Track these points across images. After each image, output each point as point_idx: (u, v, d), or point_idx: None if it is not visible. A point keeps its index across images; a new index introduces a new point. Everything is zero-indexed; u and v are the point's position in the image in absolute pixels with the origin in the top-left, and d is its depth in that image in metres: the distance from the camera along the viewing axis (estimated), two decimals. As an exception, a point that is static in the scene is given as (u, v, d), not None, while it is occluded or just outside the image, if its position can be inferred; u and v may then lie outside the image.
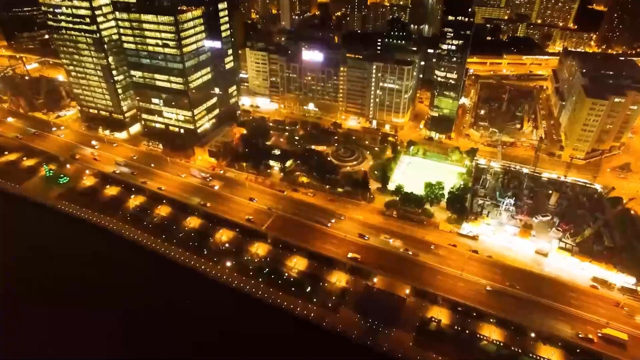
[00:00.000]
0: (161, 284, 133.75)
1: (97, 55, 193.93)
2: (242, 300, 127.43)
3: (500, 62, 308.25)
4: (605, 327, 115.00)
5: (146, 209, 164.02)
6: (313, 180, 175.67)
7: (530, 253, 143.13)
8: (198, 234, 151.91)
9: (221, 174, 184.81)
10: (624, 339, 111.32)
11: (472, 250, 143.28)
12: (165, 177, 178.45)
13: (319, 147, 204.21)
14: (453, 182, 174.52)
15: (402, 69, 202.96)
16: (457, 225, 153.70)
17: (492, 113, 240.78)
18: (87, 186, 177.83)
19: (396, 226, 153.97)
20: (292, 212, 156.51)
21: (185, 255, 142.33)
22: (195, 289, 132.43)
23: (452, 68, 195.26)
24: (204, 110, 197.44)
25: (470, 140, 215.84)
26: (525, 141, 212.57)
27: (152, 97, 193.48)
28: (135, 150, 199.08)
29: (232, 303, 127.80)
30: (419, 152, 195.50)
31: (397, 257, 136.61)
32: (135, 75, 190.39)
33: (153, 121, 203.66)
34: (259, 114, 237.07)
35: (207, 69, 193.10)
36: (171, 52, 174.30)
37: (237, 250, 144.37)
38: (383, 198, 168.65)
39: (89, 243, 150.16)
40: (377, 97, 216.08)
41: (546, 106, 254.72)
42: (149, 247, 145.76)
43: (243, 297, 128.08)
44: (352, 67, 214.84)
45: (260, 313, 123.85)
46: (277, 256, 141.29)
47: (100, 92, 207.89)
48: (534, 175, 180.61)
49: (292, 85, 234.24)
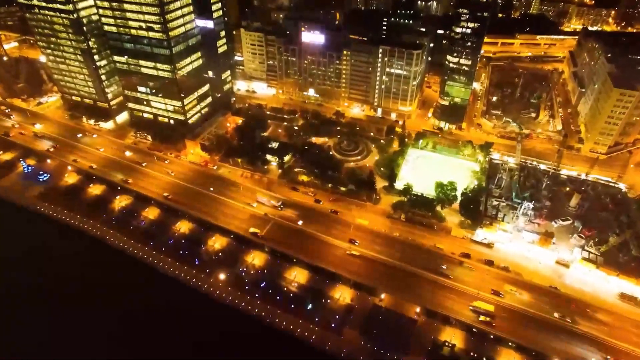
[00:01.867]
0: (147, 297, 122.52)
1: (75, 38, 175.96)
2: (236, 319, 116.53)
3: (512, 42, 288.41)
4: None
5: (133, 211, 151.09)
6: (314, 178, 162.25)
7: (550, 263, 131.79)
8: (189, 240, 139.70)
9: (214, 170, 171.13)
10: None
11: (487, 261, 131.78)
12: (155, 177, 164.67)
13: (320, 139, 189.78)
14: (465, 180, 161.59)
15: (411, 54, 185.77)
16: (470, 231, 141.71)
17: (505, 100, 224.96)
18: (69, 184, 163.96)
19: (404, 231, 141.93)
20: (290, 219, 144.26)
21: (175, 266, 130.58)
22: (185, 304, 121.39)
23: (466, 53, 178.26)
24: (194, 99, 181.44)
25: (482, 130, 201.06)
26: (541, 132, 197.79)
27: (138, 85, 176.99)
28: (117, 146, 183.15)
29: (225, 321, 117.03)
30: (428, 145, 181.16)
31: (406, 273, 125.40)
32: (118, 61, 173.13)
33: (140, 111, 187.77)
34: (256, 100, 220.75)
35: (198, 54, 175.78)
36: (156, 37, 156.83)
37: (231, 259, 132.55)
38: (390, 198, 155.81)
39: (71, 250, 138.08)
40: (383, 83, 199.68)
41: (562, 92, 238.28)
42: (136, 256, 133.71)
43: (237, 315, 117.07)
44: (355, 51, 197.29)
45: (256, 334, 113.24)
46: (275, 267, 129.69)
47: (82, 78, 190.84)
48: (553, 172, 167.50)
49: (291, 69, 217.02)
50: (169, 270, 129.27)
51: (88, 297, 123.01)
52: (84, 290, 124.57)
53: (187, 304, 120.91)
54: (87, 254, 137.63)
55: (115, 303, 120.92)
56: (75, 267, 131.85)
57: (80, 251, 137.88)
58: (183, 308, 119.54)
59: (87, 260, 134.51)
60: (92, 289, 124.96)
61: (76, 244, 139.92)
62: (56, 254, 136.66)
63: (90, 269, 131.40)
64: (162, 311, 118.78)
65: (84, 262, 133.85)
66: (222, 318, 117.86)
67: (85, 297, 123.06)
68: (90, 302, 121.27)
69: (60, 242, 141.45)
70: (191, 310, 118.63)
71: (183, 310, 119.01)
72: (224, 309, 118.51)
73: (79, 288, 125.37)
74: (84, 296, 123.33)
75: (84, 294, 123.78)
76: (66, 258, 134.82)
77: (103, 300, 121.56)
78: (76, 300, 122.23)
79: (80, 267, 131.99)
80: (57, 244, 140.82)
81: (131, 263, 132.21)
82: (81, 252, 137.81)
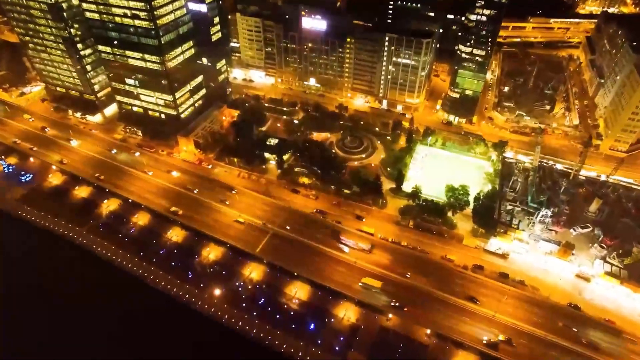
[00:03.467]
0: (136, 315, 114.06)
1: (55, 25, 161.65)
2: (232, 340, 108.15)
3: (524, 26, 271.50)
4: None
5: (122, 216, 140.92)
6: (315, 178, 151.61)
7: (570, 276, 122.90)
8: (182, 250, 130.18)
9: (209, 169, 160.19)
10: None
11: (501, 274, 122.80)
12: (145, 179, 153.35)
13: (321, 134, 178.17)
14: (477, 180, 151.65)
15: (420, 43, 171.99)
16: (483, 239, 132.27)
17: (517, 90, 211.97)
18: (53, 185, 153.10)
19: (413, 239, 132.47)
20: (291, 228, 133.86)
21: (166, 279, 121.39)
22: (178, 323, 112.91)
23: (480, 43, 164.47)
24: (187, 92, 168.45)
25: (494, 125, 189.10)
26: (557, 127, 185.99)
27: (126, 77, 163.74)
28: (104, 145, 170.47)
29: (220, 343, 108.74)
30: (437, 141, 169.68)
31: (417, 292, 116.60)
32: (103, 51, 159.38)
33: (129, 104, 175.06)
34: (253, 91, 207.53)
35: (190, 43, 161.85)
36: (143, 25, 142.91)
37: (227, 272, 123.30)
38: (397, 201, 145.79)
39: (55, 261, 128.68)
40: (389, 74, 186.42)
41: (578, 81, 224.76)
42: (125, 268, 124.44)
43: (233, 335, 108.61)
44: (360, 39, 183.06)
45: (254, 358, 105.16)
46: (274, 282, 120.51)
47: (65, 68, 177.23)
48: (568, 172, 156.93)
49: (290, 57, 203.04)
50: (160, 284, 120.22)
51: (73, 312, 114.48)
52: (68, 305, 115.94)
53: (180, 323, 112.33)
54: (72, 265, 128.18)
55: (103, 321, 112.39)
56: (59, 280, 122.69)
57: (65, 262, 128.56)
58: (175, 327, 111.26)
59: (72, 273, 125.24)
60: (76, 304, 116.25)
61: (61, 254, 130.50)
62: (39, 265, 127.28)
63: (76, 282, 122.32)
64: (152, 331, 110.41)
65: (68, 275, 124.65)
66: (217, 339, 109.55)
67: (70, 312, 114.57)
68: (75, 318, 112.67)
69: (43, 252, 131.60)
70: (184, 330, 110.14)
71: (174, 330, 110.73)
72: (219, 328, 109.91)
73: (62, 303, 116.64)
74: (69, 311, 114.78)
75: (68, 309, 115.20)
76: (49, 270, 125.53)
77: (88, 316, 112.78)
78: (61, 316, 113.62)
79: (64, 280, 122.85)
80: (40, 253, 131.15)
81: (120, 276, 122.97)
82: (66, 263, 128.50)
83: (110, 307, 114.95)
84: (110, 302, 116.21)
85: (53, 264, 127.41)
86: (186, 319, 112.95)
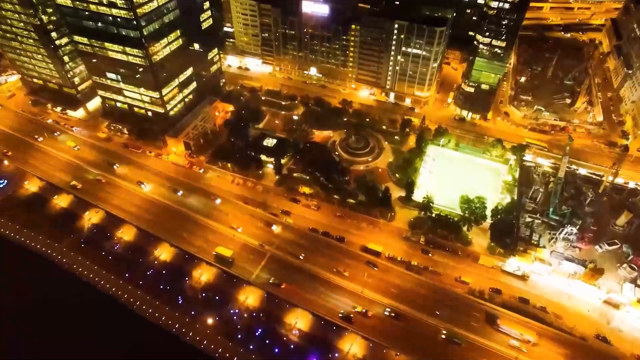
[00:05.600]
0: (122, 345, 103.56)
1: (24, 12, 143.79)
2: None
3: (541, 7, 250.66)
4: None
5: (105, 230, 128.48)
6: (317, 186, 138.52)
7: (597, 302, 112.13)
8: (171, 270, 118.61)
9: (200, 174, 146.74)
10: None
11: (521, 299, 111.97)
12: (128, 190, 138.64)
13: (323, 132, 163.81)
14: (493, 186, 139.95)
15: (433, 31, 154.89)
16: (501, 258, 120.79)
17: (535, 80, 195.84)
18: (30, 193, 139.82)
19: (424, 258, 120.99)
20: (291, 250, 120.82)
21: (154, 306, 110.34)
22: (167, 356, 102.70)
23: (501, 33, 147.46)
24: (175, 87, 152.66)
25: (510, 121, 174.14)
26: (579, 124, 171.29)
27: (106, 71, 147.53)
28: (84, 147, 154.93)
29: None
30: (449, 142, 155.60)
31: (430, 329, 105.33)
32: (79, 42, 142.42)
33: (113, 100, 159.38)
34: (249, 81, 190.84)
35: (176, 33, 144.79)
36: (121, 15, 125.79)
37: (220, 297, 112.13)
38: (406, 212, 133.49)
39: (32, 283, 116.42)
40: (398, 64, 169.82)
41: (599, 69, 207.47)
42: (108, 292, 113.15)
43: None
44: (366, 26, 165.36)
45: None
46: (273, 309, 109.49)
47: (40, 59, 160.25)
48: (593, 178, 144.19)
49: (290, 45, 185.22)
50: (147, 312, 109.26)
51: (49, 341, 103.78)
52: (45, 332, 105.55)
53: (170, 358, 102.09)
54: (51, 287, 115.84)
55: (82, 352, 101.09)
56: (33, 305, 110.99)
57: (42, 284, 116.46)
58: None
59: (47, 297, 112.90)
60: (55, 332, 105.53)
61: (37, 275, 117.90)
62: (12, 288, 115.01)
63: (55, 307, 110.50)
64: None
65: (43, 299, 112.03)
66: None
67: (46, 340, 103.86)
68: (51, 348, 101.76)
69: (18, 272, 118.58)
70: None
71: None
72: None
73: (39, 330, 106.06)
74: (45, 339, 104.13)
75: (43, 337, 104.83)
76: (21, 293, 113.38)
77: (65, 347, 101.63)
78: (35, 344, 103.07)
79: (41, 304, 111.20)
80: (14, 274, 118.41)
81: (103, 301, 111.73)
82: (44, 285, 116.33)
83: (90, 337, 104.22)
84: (91, 332, 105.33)
85: (25, 286, 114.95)
86: (177, 353, 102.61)
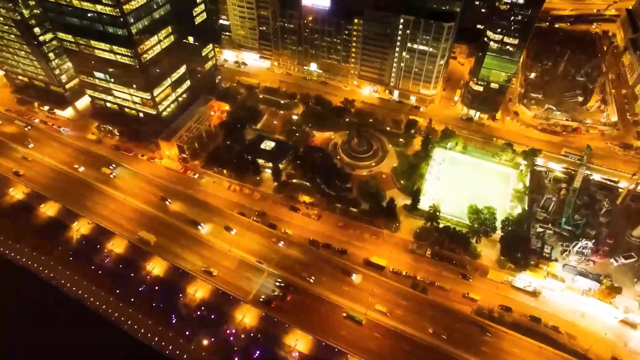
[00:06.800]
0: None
1: (3, 5, 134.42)
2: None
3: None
4: None
5: (95, 241, 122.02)
6: (317, 193, 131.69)
7: (613, 322, 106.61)
8: (164, 285, 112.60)
9: (195, 179, 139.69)
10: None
11: (531, 318, 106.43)
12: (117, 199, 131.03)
13: (324, 133, 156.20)
14: (502, 192, 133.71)
15: (441, 27, 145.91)
16: (512, 273, 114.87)
17: (546, 76, 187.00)
18: (15, 201, 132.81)
19: (431, 272, 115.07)
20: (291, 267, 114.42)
21: (147, 325, 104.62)
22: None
23: (514, 30, 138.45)
24: (167, 87, 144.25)
25: (520, 121, 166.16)
26: (591, 125, 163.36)
27: (94, 70, 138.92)
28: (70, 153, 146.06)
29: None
30: (457, 145, 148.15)
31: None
32: (64, 39, 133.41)
33: (102, 100, 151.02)
34: (246, 78, 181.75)
35: (168, 29, 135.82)
36: (106, 11, 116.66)
37: (217, 316, 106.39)
38: (411, 222, 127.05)
39: (17, 299, 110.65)
40: (403, 61, 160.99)
41: (612, 64, 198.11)
42: (98, 311, 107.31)
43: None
44: (369, 21, 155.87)
45: None
46: (271, 329, 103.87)
47: (24, 55, 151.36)
48: (608, 184, 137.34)
49: (289, 39, 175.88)
50: (139, 332, 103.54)
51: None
52: (31, 353, 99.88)
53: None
54: (37, 305, 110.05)
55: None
56: (20, 322, 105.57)
57: (28, 301, 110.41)
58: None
59: (36, 315, 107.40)
60: (41, 353, 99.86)
61: (23, 291, 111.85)
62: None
63: (41, 326, 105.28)
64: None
65: (31, 317, 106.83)
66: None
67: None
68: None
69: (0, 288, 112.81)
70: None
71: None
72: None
73: (25, 351, 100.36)
74: None
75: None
76: (6, 311, 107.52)
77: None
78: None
79: (26, 322, 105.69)
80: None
81: (93, 320, 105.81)
82: (29, 301, 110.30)
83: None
84: (79, 354, 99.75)
85: (7, 303, 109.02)
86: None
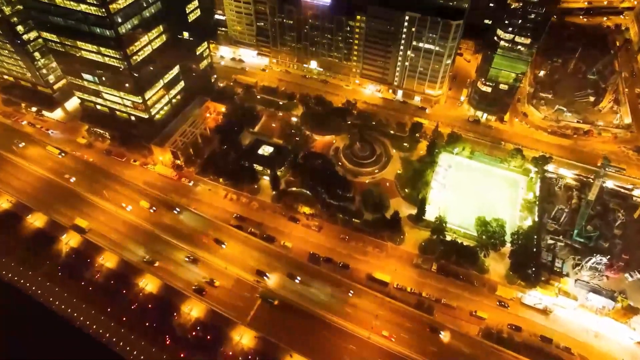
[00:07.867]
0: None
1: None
2: None
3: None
4: None
5: (85, 255, 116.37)
6: (318, 203, 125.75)
7: (629, 343, 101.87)
8: (157, 303, 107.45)
9: (189, 187, 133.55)
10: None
11: (542, 337, 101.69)
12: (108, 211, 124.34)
13: (325, 137, 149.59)
14: (511, 201, 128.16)
15: (448, 25, 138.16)
16: (521, 289, 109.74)
17: (556, 74, 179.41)
18: (2, 211, 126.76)
19: (436, 288, 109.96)
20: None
21: (140, 348, 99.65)
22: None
23: (527, 29, 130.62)
24: (160, 89, 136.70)
25: (529, 123, 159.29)
26: (604, 127, 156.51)
27: (82, 72, 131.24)
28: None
29: None
30: (463, 150, 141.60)
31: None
32: (48, 39, 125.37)
33: (92, 102, 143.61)
34: (243, 76, 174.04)
35: (159, 28, 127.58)
36: (91, 11, 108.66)
37: (212, 337, 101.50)
38: (416, 233, 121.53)
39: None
40: (407, 60, 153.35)
41: (625, 60, 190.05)
42: (89, 331, 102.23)
43: None
44: (372, 17, 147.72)
45: None
46: (269, 350, 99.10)
47: (7, 54, 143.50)
48: (621, 192, 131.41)
49: (288, 35, 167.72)
50: (131, 354, 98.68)
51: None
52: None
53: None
54: (24, 325, 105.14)
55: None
56: (6, 345, 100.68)
57: (14, 320, 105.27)
58: None
59: (24, 336, 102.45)
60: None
61: (8, 308, 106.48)
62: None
63: (28, 348, 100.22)
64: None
65: (19, 338, 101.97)
66: None
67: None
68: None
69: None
70: None
71: None
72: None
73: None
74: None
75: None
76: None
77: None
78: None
79: (13, 344, 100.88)
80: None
81: (83, 341, 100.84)
82: (15, 320, 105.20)
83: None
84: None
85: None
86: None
